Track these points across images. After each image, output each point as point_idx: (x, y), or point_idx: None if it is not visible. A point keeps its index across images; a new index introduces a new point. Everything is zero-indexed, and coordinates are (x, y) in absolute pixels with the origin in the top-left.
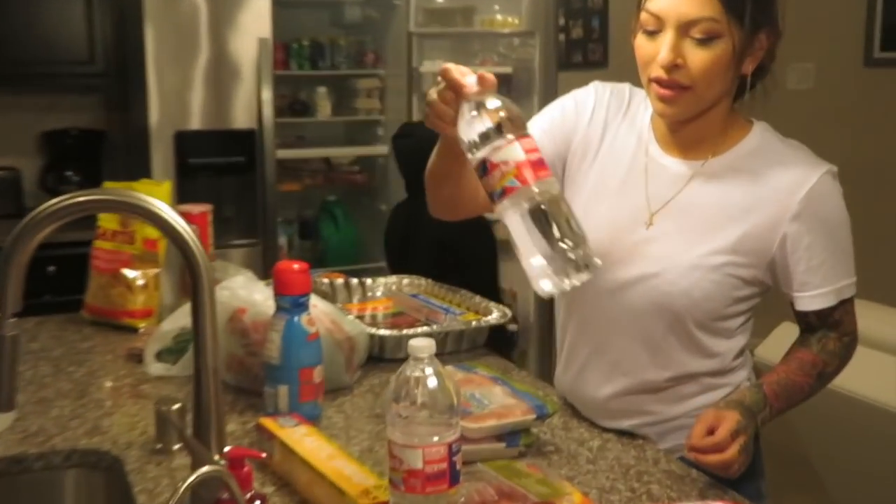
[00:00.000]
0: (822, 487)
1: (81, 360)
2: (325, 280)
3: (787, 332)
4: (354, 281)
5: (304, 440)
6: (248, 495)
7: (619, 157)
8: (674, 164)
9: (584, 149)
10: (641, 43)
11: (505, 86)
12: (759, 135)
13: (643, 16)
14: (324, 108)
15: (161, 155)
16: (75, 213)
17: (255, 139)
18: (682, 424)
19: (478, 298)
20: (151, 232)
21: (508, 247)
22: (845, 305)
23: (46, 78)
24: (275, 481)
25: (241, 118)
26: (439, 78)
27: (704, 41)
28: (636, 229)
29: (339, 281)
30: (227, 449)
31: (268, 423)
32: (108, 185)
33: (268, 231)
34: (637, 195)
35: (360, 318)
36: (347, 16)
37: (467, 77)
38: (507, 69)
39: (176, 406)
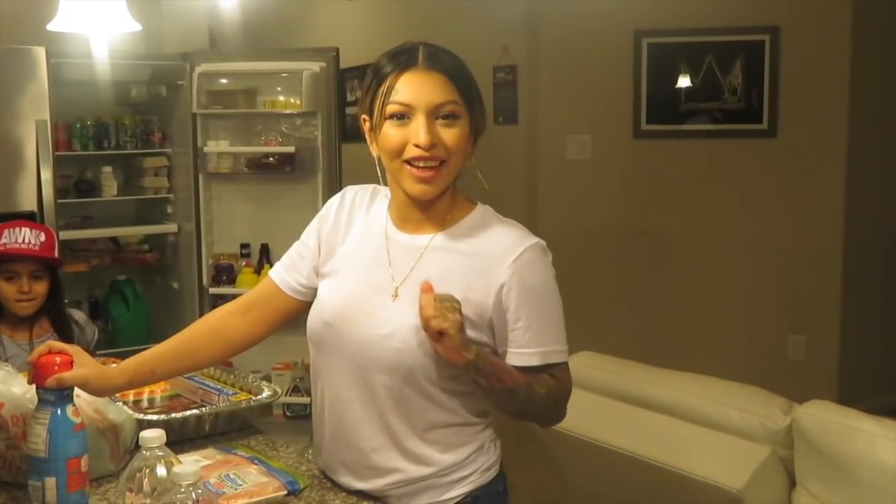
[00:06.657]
0: None
1: None
2: None
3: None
4: None
5: None
6: None
7: (364, 243)
8: (408, 240)
9: (328, 247)
10: (391, 132)
11: (289, 164)
12: (481, 213)
13: (391, 107)
14: (110, 187)
15: None
16: None
17: (35, 221)
18: (431, 485)
19: (251, 378)
20: None
21: None
22: (553, 371)
23: None
24: None
25: (23, 200)
26: None
27: (450, 121)
28: (382, 301)
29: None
30: None
31: None
32: None
33: None
34: (382, 272)
35: (138, 402)
36: (133, 95)
37: None
38: (290, 148)
39: None
